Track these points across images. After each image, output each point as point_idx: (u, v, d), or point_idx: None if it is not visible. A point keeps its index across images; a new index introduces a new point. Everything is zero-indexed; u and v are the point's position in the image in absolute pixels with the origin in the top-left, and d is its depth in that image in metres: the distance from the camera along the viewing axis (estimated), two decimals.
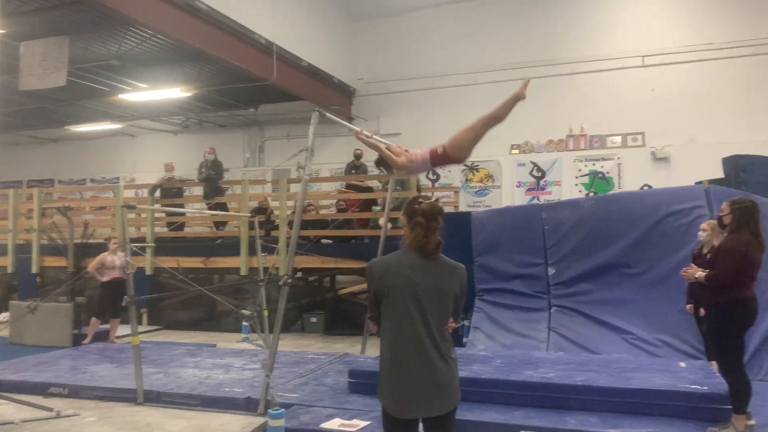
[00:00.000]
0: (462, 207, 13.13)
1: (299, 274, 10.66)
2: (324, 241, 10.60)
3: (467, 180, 13.72)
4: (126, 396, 6.04)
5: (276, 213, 11.14)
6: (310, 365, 7.23)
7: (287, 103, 14.27)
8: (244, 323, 9.36)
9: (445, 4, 13.91)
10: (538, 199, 12.84)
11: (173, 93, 12.64)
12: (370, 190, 11.19)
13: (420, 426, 2.90)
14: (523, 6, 13.40)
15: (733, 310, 4.56)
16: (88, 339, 9.07)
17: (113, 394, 6.13)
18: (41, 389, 6.32)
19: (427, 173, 13.71)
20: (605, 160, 12.67)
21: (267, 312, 8.53)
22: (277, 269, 9.67)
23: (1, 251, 12.57)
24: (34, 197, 12.62)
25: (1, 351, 8.58)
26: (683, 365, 5.89)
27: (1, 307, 11.04)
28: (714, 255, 5.03)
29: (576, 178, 12.88)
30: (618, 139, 12.66)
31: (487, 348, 7.47)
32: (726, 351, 4.65)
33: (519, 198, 13.18)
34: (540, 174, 13.17)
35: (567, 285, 7.86)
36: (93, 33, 10.35)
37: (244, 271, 10.71)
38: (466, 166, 13.54)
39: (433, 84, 13.83)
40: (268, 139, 16.19)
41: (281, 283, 5.50)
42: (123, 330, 9.27)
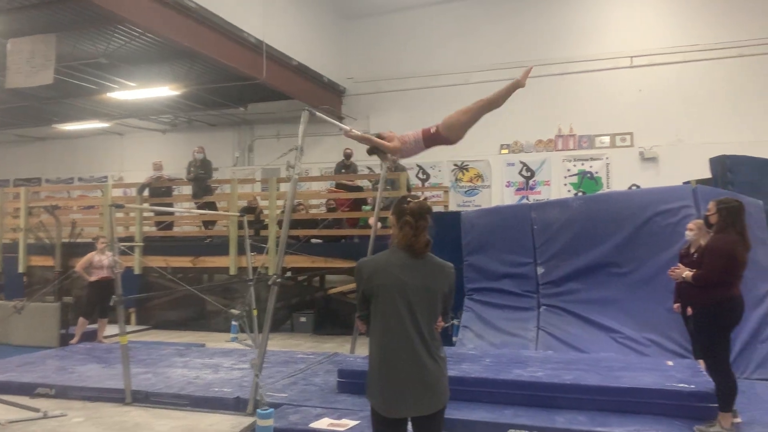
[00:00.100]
0: (452, 206, 13.14)
1: (289, 273, 10.63)
2: (314, 241, 10.57)
3: (457, 180, 13.75)
4: (114, 396, 6.01)
5: (265, 212, 11.11)
6: (299, 365, 7.22)
7: (277, 102, 14.24)
8: (233, 323, 9.31)
9: (436, 4, 13.94)
10: (527, 199, 12.88)
11: (162, 91, 12.54)
12: (360, 189, 11.20)
13: (409, 425, 2.91)
14: (513, 6, 13.46)
15: (720, 309, 4.60)
16: (75, 339, 9.01)
17: (101, 394, 6.10)
18: (28, 389, 6.26)
19: (417, 173, 13.78)
20: (594, 160, 12.74)
21: (256, 311, 8.48)
22: (267, 269, 9.63)
23: None
24: (21, 196, 12.53)
25: None
26: (671, 364, 5.94)
27: None
28: (701, 255, 5.07)
29: (565, 177, 12.94)
30: (606, 140, 12.74)
31: (477, 347, 7.49)
32: (712, 350, 4.69)
33: (508, 198, 13.22)
34: (529, 174, 13.22)
35: (556, 284, 7.89)
36: (81, 31, 10.26)
37: (233, 271, 10.67)
38: (456, 165, 13.60)
39: (423, 83, 13.84)
40: (257, 138, 16.13)
41: (270, 283, 5.50)
42: (111, 330, 9.21)
